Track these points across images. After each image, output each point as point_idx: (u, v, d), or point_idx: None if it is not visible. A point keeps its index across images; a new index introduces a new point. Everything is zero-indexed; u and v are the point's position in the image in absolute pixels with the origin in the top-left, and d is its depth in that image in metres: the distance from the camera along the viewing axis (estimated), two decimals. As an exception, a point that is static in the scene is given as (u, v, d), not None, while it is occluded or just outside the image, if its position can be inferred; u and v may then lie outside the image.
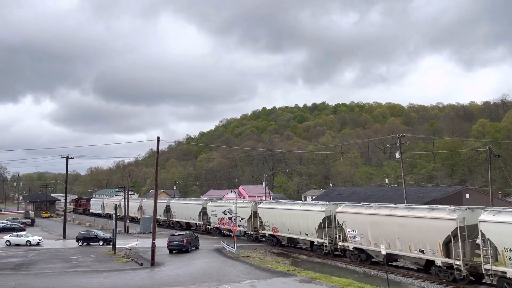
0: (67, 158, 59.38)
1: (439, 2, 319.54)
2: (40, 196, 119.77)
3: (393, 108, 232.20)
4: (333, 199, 56.69)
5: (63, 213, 69.36)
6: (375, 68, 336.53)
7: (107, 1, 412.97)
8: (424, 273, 29.83)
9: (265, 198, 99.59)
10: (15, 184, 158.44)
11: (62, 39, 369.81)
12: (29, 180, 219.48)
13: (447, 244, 27.18)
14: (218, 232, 55.91)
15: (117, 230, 47.35)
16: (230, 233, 52.57)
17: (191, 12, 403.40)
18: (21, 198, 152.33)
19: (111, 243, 44.59)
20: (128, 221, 67.72)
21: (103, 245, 49.34)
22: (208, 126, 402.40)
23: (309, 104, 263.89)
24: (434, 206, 30.78)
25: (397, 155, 48.37)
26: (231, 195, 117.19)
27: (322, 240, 38.39)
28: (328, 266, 35.20)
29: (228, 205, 52.82)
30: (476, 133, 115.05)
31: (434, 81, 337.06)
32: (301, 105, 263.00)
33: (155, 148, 38.76)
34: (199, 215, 59.56)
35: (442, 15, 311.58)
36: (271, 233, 45.56)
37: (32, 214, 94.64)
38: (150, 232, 47.00)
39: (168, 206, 68.66)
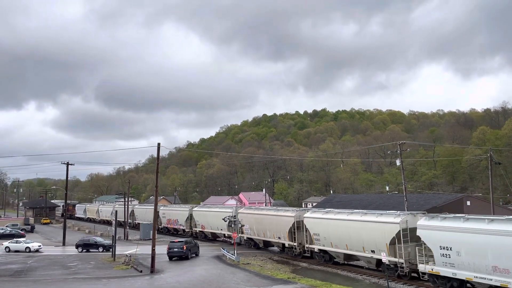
0: (68, 164, 59.37)
1: (438, 14, 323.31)
2: (40, 202, 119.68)
3: (394, 115, 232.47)
4: (333, 206, 56.69)
5: (62, 219, 69.25)
6: (375, 76, 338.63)
7: (112, 11, 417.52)
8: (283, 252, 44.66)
9: (265, 205, 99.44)
10: (15, 190, 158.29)
11: (66, 48, 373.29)
12: (29, 186, 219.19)
13: (291, 233, 42.24)
14: (166, 231, 68.99)
15: (117, 236, 47.20)
16: (175, 232, 63.40)
17: (193, 22, 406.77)
18: (21, 204, 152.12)
19: (111, 249, 44.43)
20: (128, 227, 67.72)
21: (102, 251, 49.18)
22: (209, 132, 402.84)
23: (310, 111, 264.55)
24: (288, 208, 48.56)
25: (398, 162, 48.30)
26: (231, 201, 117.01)
27: (230, 233, 52.11)
28: (329, 274, 35.04)
29: (176, 209, 68.56)
30: (477, 140, 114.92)
31: (434, 89, 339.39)
32: (302, 112, 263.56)
33: (155, 155, 38.79)
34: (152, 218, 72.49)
35: (441, 26, 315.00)
36: (201, 229, 60.08)
37: (31, 220, 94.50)
38: (150, 239, 46.85)
39: (133, 211, 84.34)
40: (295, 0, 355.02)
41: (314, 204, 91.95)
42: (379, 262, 31.96)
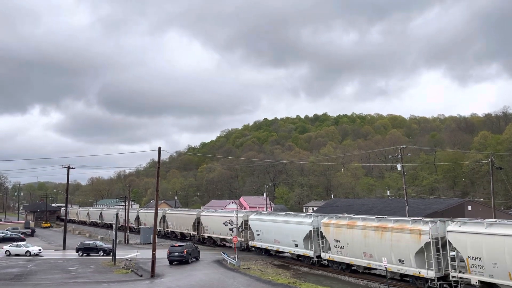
0: (68, 168, 59.38)
1: (437, 23, 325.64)
2: (41, 206, 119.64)
3: (395, 119, 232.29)
4: (334, 210, 56.67)
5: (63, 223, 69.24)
6: (375, 82, 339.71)
7: (117, 20, 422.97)
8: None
9: (266, 209, 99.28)
10: (15, 193, 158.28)
11: (72, 54, 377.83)
12: (29, 190, 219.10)
13: (194, 226, 60.16)
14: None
15: (117, 240, 47.11)
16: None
17: (196, 29, 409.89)
18: (21, 208, 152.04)
19: (111, 253, 44.35)
20: (128, 231, 67.69)
21: (103, 255, 49.08)
22: (211, 137, 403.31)
23: (311, 115, 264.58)
24: (194, 210, 71.76)
25: (399, 167, 48.28)
26: (232, 206, 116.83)
27: (160, 228, 67.10)
28: (330, 279, 34.90)
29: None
30: (478, 145, 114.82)
31: (433, 95, 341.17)
32: (302, 117, 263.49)
33: (156, 159, 38.77)
34: (114, 218, 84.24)
35: (439, 35, 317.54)
36: (143, 226, 71.52)
37: (32, 224, 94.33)
38: (150, 243, 46.77)
39: (101, 213, 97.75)
40: (296, 8, 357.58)
41: (315, 209, 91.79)
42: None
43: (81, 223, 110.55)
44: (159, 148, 37.81)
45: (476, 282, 24.36)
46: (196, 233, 59.39)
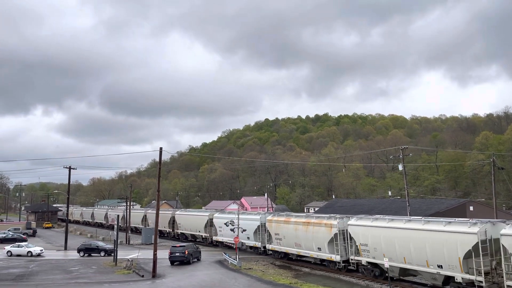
0: (70, 168, 59.41)
1: (438, 24, 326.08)
2: (42, 206, 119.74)
3: (396, 120, 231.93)
4: (335, 211, 56.71)
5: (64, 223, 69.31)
6: (376, 83, 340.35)
7: (120, 22, 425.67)
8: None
9: (267, 210, 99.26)
10: (17, 194, 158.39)
11: (75, 56, 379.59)
12: (31, 190, 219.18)
13: (170, 224, 67.37)
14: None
15: (119, 241, 47.15)
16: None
17: (198, 31, 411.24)
18: (23, 208, 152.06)
19: (113, 254, 44.37)
20: (129, 231, 67.76)
21: (104, 256, 49.13)
22: (213, 137, 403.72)
23: (312, 115, 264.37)
24: (170, 209, 75.97)
25: (400, 167, 48.21)
26: (233, 206, 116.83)
27: (142, 226, 73.59)
28: (332, 279, 34.89)
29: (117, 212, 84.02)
30: (480, 145, 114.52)
31: (434, 96, 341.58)
32: (304, 117, 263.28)
33: (157, 159, 38.82)
34: (104, 217, 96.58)
35: (440, 36, 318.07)
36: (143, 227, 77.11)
37: (33, 224, 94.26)
38: (152, 244, 46.78)
39: (93, 213, 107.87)
40: (297, 9, 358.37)
41: (316, 209, 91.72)
42: (202, 237, 58.48)
43: (75, 222, 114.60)
44: (160, 148, 37.88)
45: (365, 263, 32.77)
46: (171, 230, 67.31)
